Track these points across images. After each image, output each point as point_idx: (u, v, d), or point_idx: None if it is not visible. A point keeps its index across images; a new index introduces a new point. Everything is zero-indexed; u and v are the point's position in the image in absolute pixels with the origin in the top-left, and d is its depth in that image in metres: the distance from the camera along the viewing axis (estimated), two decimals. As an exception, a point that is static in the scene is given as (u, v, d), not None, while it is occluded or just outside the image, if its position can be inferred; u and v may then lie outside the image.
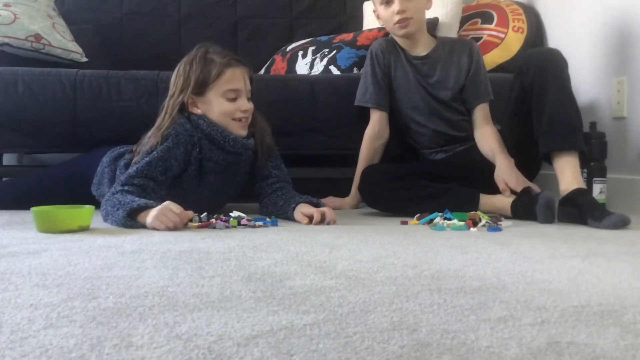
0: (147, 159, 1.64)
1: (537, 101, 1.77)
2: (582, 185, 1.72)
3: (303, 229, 1.57)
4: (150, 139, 1.69)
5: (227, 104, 1.72)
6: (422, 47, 2.09)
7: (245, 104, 1.74)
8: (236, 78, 1.73)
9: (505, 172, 1.86)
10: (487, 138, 1.99)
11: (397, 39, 2.11)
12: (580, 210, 1.65)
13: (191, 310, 0.74)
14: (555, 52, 1.82)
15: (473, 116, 2.06)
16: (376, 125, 2.11)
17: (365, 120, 2.13)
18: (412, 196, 1.86)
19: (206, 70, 1.71)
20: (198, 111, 1.73)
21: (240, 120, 1.75)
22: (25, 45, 2.27)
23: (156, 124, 1.72)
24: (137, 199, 1.54)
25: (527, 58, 1.87)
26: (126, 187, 1.59)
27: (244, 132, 1.76)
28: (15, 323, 0.68)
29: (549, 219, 1.68)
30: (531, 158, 1.87)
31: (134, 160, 1.68)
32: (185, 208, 1.53)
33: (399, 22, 2.00)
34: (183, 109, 1.73)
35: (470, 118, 2.07)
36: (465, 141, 2.08)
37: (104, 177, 1.81)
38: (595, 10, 2.29)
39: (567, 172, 1.72)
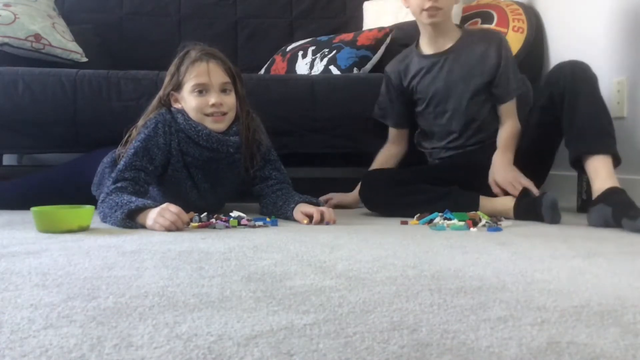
0: (132, 150, 1.67)
1: (569, 108, 1.73)
2: (617, 184, 1.64)
3: (303, 229, 1.57)
4: (134, 132, 1.74)
5: (196, 99, 1.71)
6: (447, 39, 2.02)
7: (213, 98, 1.70)
8: (202, 72, 1.70)
9: (498, 172, 1.85)
10: (501, 134, 1.96)
11: (421, 29, 2.04)
12: (614, 209, 1.57)
13: (191, 310, 0.74)
14: (586, 65, 1.79)
15: (499, 111, 2.01)
16: (394, 141, 2.16)
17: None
18: (413, 200, 1.85)
19: (181, 67, 1.74)
20: (179, 106, 1.76)
21: (212, 115, 1.72)
22: (25, 45, 2.27)
23: (141, 120, 1.76)
24: (134, 199, 1.54)
25: (557, 68, 1.83)
26: (119, 184, 1.60)
27: (219, 127, 1.73)
28: (15, 323, 0.68)
29: (556, 220, 1.67)
30: (540, 167, 1.85)
31: (121, 154, 1.71)
32: (184, 210, 1.53)
33: (428, 9, 1.92)
34: (167, 104, 1.77)
35: (495, 114, 2.02)
36: (477, 143, 2.03)
37: (104, 178, 1.81)
38: (595, 10, 2.28)
39: (602, 172, 1.65)
